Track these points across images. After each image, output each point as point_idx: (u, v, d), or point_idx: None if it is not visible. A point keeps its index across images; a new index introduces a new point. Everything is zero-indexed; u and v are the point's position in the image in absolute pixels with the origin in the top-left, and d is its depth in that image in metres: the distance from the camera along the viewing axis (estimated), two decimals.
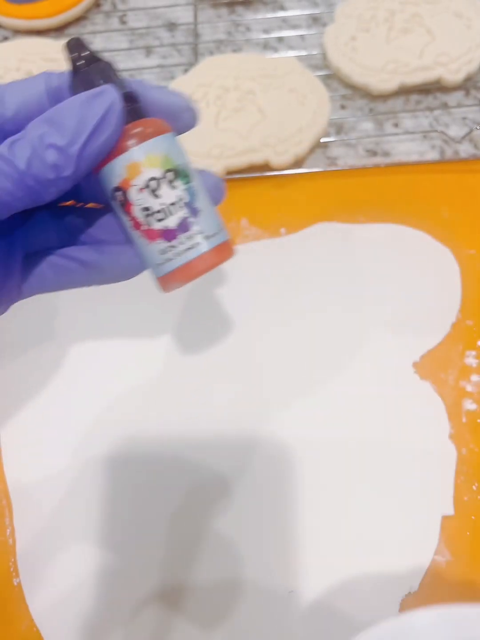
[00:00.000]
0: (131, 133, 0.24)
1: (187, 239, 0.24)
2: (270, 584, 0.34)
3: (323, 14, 0.54)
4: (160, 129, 0.24)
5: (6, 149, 0.22)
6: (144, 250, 0.25)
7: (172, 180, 0.24)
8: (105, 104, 0.23)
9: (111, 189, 0.24)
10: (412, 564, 0.35)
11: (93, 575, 0.35)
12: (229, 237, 0.26)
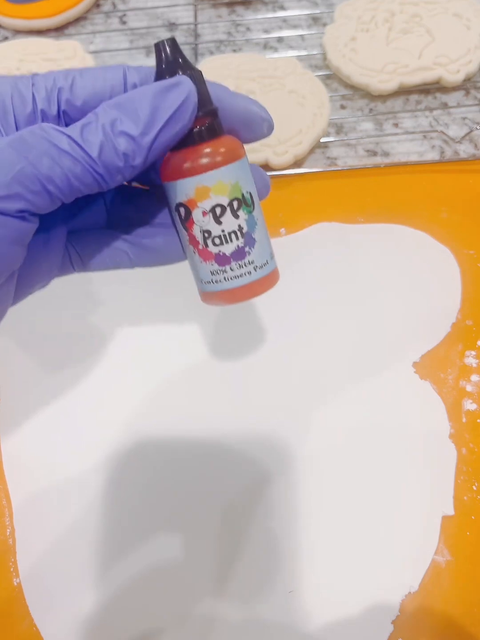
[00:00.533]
0: (208, 153, 0.24)
1: (239, 267, 0.25)
2: (271, 584, 0.34)
3: (323, 14, 0.54)
4: (236, 153, 0.24)
5: (78, 133, 0.21)
6: (195, 265, 0.26)
7: (236, 209, 0.24)
8: (182, 96, 0.22)
9: (176, 203, 0.25)
10: (412, 564, 0.35)
11: (93, 576, 0.35)
12: (276, 266, 0.27)
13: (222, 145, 0.24)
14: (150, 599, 0.34)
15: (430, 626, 0.33)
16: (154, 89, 0.22)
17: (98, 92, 0.23)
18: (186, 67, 0.24)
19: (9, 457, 0.38)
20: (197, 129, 0.23)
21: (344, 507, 0.36)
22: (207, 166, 0.23)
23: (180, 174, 0.24)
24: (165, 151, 0.23)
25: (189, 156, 0.23)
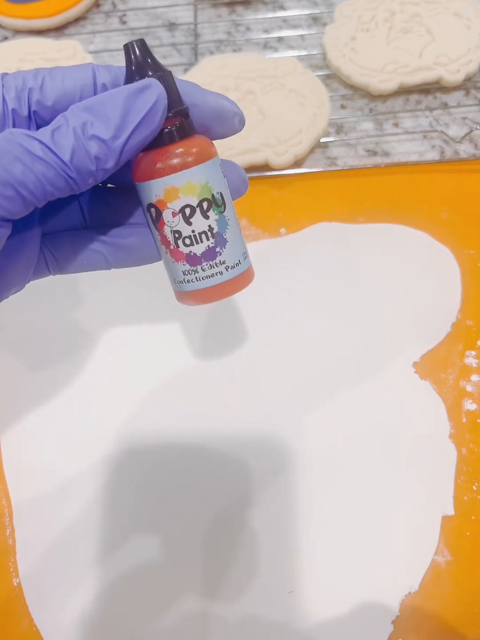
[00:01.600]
0: (177, 153, 0.24)
1: (210, 267, 0.25)
2: (271, 584, 0.34)
3: (323, 14, 0.54)
4: (206, 154, 0.24)
5: (49, 137, 0.21)
6: (168, 265, 0.26)
7: (206, 210, 0.24)
8: (152, 99, 0.22)
9: (147, 204, 0.25)
10: (412, 564, 0.35)
11: (93, 575, 0.35)
12: (250, 264, 0.27)
13: (192, 145, 0.24)
14: (150, 599, 0.34)
15: (430, 626, 0.33)
16: (124, 91, 0.22)
17: (68, 92, 0.24)
18: (156, 68, 0.24)
19: (8, 457, 0.38)
20: (167, 129, 0.24)
21: (344, 507, 0.36)
22: (176, 167, 0.23)
23: (150, 175, 0.24)
24: (136, 153, 0.23)
25: (158, 157, 0.24)
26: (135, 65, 0.24)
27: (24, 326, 0.42)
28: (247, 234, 0.44)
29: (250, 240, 0.44)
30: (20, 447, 0.39)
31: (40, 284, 0.27)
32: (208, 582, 0.35)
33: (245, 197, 0.45)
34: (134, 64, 0.24)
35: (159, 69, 0.24)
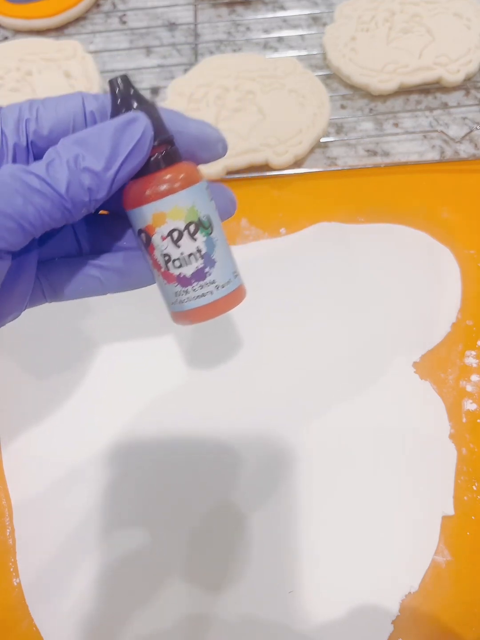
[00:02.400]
0: (163, 180, 0.25)
1: (200, 287, 0.26)
2: (271, 584, 0.34)
3: (323, 14, 0.54)
4: (191, 178, 0.25)
5: (44, 170, 0.22)
6: (161, 287, 0.27)
7: (193, 233, 0.25)
8: (139, 131, 0.23)
9: (137, 229, 0.26)
10: (412, 564, 0.35)
11: (93, 575, 0.35)
12: (241, 283, 0.28)
13: (177, 171, 0.25)
14: (150, 599, 0.34)
15: (430, 626, 0.33)
16: (113, 125, 0.23)
17: (62, 120, 0.25)
18: (140, 100, 0.25)
19: (8, 457, 0.38)
20: (153, 157, 0.25)
21: (344, 507, 0.36)
22: (162, 193, 0.25)
23: (139, 201, 0.25)
24: (126, 182, 0.24)
25: (146, 185, 0.25)
26: (121, 98, 0.25)
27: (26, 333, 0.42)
28: (247, 234, 0.44)
29: (250, 240, 0.44)
30: (21, 447, 0.39)
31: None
32: (208, 582, 0.35)
33: (245, 197, 0.46)
34: (119, 97, 0.25)
35: (143, 102, 0.25)
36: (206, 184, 0.26)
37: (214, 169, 0.45)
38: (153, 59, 0.53)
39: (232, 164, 0.46)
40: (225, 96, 0.48)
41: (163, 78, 0.52)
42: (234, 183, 0.46)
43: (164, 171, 0.25)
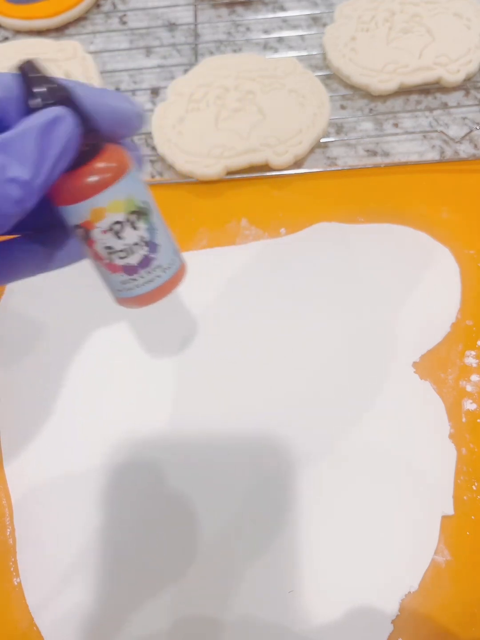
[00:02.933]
0: (98, 171, 0.23)
1: (147, 273, 0.26)
2: (271, 584, 0.34)
3: (323, 14, 0.54)
4: (123, 167, 0.24)
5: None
6: (105, 276, 0.26)
7: (134, 222, 0.24)
8: (66, 132, 0.22)
9: (73, 225, 0.24)
10: (412, 564, 0.35)
11: (93, 576, 0.35)
12: (183, 261, 0.28)
13: (108, 160, 0.24)
14: (149, 599, 0.34)
15: (430, 626, 0.33)
16: (36, 126, 0.21)
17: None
18: (54, 88, 0.22)
19: (8, 457, 0.38)
20: (82, 151, 0.23)
21: (344, 506, 0.36)
22: (98, 187, 0.23)
23: (73, 199, 0.23)
24: (54, 182, 0.23)
25: (78, 180, 0.23)
26: (35, 86, 0.22)
27: (26, 333, 0.42)
28: (247, 234, 0.44)
29: (250, 240, 0.44)
30: (21, 447, 0.39)
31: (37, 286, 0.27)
32: (208, 582, 0.35)
33: (245, 197, 0.46)
34: (33, 84, 0.22)
35: (58, 89, 0.22)
36: (135, 164, 0.25)
37: (213, 170, 0.45)
38: (153, 59, 0.53)
39: (232, 164, 0.46)
40: (225, 96, 0.48)
41: (163, 78, 0.52)
42: (234, 183, 0.46)
43: (95, 162, 0.23)
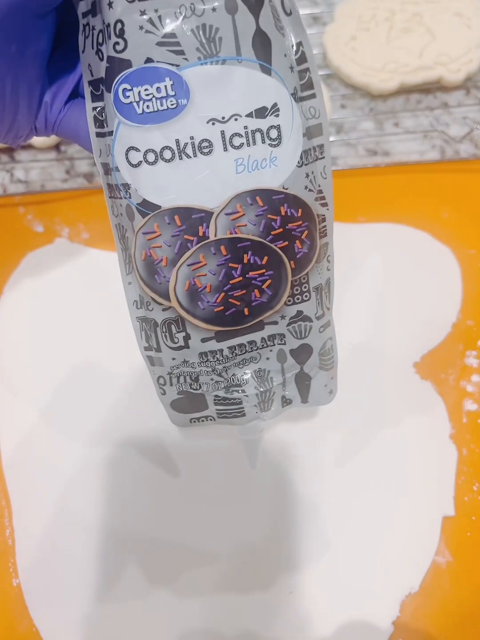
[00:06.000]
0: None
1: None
2: (271, 585, 0.34)
3: (323, 13, 0.54)
4: None
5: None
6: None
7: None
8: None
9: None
10: (412, 564, 0.34)
11: (93, 576, 0.35)
12: None
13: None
14: (149, 599, 0.34)
15: (430, 627, 0.33)
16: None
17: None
18: None
19: (8, 457, 0.38)
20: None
21: (345, 507, 0.36)
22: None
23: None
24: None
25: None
26: None
27: (25, 333, 0.42)
28: None
29: None
30: (21, 447, 0.39)
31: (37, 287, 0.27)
32: (208, 582, 0.34)
33: None
34: None
35: None
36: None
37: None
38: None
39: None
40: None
41: None
42: None
43: None
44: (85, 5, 0.22)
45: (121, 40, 0.21)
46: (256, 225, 0.23)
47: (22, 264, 0.44)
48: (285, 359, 0.26)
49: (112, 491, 0.37)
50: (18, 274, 0.43)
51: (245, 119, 0.22)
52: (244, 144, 0.22)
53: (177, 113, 0.21)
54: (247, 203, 0.23)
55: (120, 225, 0.24)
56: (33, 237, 0.44)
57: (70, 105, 0.24)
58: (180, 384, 0.26)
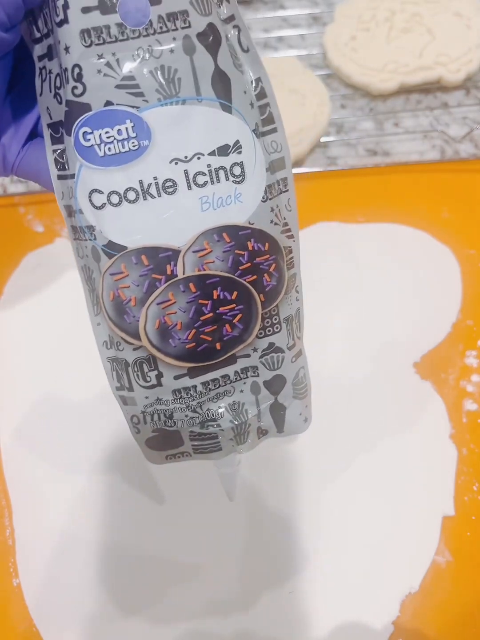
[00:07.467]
0: None
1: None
2: (271, 584, 0.34)
3: (323, 13, 0.54)
4: None
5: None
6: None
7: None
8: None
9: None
10: (412, 564, 0.34)
11: (93, 576, 0.35)
12: None
13: None
14: (149, 599, 0.34)
15: (430, 626, 0.33)
16: None
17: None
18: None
19: (8, 457, 0.38)
20: None
21: (345, 507, 0.36)
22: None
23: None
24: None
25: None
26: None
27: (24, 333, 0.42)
28: None
29: None
30: (20, 447, 0.39)
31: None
32: (208, 582, 0.34)
33: None
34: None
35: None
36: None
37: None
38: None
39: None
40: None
41: None
42: None
43: None
44: (41, 49, 0.22)
45: (79, 85, 0.21)
46: (224, 261, 0.23)
47: (22, 264, 0.44)
48: (259, 390, 0.26)
49: (114, 492, 0.37)
50: (18, 274, 0.43)
51: (208, 158, 0.22)
52: (208, 182, 0.22)
53: (140, 154, 0.21)
54: (214, 240, 0.23)
55: (86, 266, 0.23)
56: (33, 237, 0.45)
57: (30, 146, 0.24)
58: (154, 422, 0.25)
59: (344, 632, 0.33)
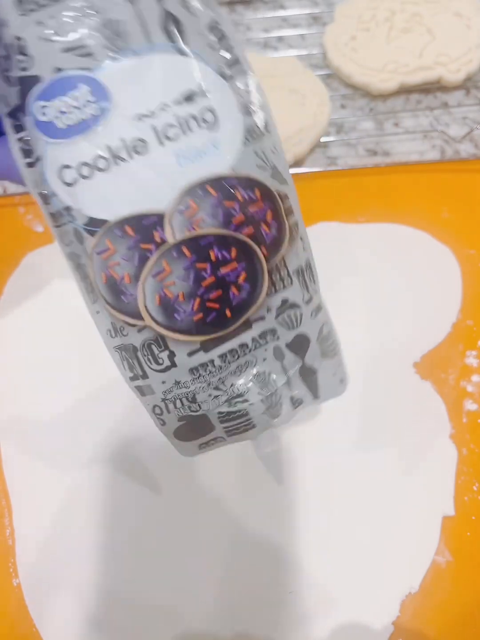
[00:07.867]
0: None
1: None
2: (271, 584, 0.34)
3: (323, 13, 0.54)
4: None
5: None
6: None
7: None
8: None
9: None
10: (412, 564, 0.34)
11: (93, 576, 0.35)
12: None
13: None
14: (149, 599, 0.34)
15: (430, 626, 0.33)
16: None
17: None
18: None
19: (8, 458, 0.38)
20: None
21: (345, 507, 0.36)
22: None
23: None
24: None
25: None
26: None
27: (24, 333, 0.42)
28: None
29: None
30: (20, 447, 0.39)
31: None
32: (208, 583, 0.34)
33: None
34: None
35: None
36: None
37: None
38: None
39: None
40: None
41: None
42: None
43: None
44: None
45: (25, 57, 0.20)
46: (214, 217, 0.21)
47: (22, 264, 0.44)
48: (282, 355, 0.24)
49: (114, 492, 0.37)
50: (18, 274, 0.43)
51: (175, 107, 0.20)
52: (180, 134, 0.21)
53: (102, 118, 0.20)
54: (198, 195, 0.21)
55: (73, 253, 0.22)
56: (33, 237, 0.44)
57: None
58: (178, 409, 0.23)
59: (344, 632, 0.33)
